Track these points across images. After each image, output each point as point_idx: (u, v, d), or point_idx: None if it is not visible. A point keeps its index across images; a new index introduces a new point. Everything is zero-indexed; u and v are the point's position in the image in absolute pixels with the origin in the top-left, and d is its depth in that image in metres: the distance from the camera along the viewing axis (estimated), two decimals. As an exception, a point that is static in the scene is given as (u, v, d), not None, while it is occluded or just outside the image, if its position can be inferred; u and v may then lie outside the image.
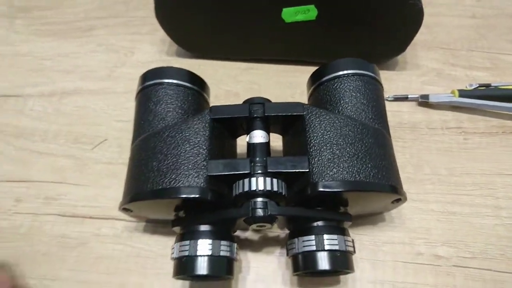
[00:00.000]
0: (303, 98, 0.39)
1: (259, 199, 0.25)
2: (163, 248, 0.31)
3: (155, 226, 0.32)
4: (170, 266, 0.30)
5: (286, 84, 0.41)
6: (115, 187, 0.35)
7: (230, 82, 0.42)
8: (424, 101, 0.38)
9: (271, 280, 0.29)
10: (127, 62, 0.44)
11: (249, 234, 0.32)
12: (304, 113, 0.28)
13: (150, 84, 0.31)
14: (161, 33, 0.46)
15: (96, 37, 0.47)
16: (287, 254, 0.27)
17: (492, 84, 0.38)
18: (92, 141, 0.38)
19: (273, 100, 0.31)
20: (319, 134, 0.27)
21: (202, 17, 0.39)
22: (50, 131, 0.39)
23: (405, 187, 0.27)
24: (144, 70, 0.43)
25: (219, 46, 0.42)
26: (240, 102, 0.40)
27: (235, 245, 0.27)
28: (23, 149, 0.38)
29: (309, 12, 0.35)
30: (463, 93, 0.37)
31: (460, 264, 0.29)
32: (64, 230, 0.33)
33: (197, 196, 0.25)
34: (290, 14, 0.35)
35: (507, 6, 0.46)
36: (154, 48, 0.45)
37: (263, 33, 0.39)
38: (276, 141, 0.32)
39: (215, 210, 0.27)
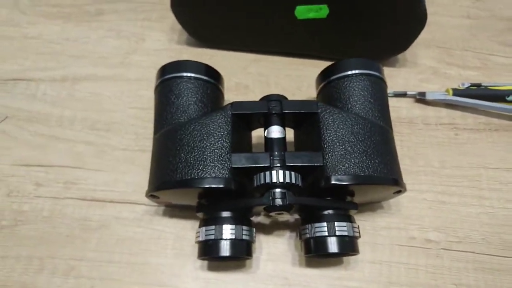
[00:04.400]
0: (310, 91, 0.42)
1: (278, 190, 0.28)
2: (182, 230, 0.34)
3: (173, 210, 0.35)
4: (189, 247, 0.33)
5: (293, 77, 0.43)
6: (133, 172, 0.37)
7: (240, 73, 0.43)
8: (421, 98, 0.41)
9: (281, 260, 0.33)
10: (138, 49, 0.45)
11: (261, 219, 0.34)
12: (319, 111, 0.30)
13: (170, 77, 0.33)
14: (170, 21, 0.47)
15: (105, 22, 0.47)
16: (300, 238, 0.30)
17: (482, 84, 0.41)
18: (108, 127, 0.39)
19: (281, 92, 0.33)
20: (332, 131, 0.29)
21: (217, 9, 0.40)
22: (65, 116, 0.40)
23: (403, 178, 0.30)
24: (156, 58, 0.44)
25: (231, 37, 0.43)
26: (251, 94, 0.42)
27: (254, 229, 0.30)
28: (39, 134, 0.39)
29: (321, 11, 0.37)
30: (456, 92, 0.40)
31: (447, 248, 0.33)
32: (85, 213, 0.35)
33: (222, 186, 0.27)
34: (303, 12, 0.37)
35: (499, 9, 0.49)
36: (164, 36, 0.46)
37: (274, 27, 0.40)
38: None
39: (234, 198, 0.29)
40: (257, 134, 0.35)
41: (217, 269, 0.32)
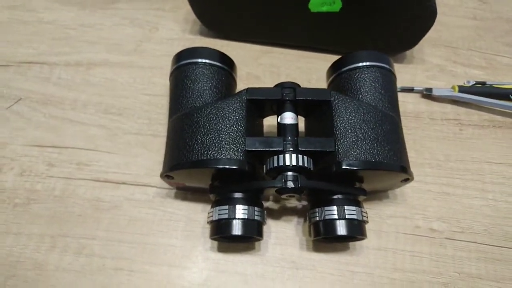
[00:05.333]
0: (319, 84, 0.43)
1: (290, 173, 0.29)
2: (193, 212, 0.34)
3: (184, 194, 0.35)
4: (199, 229, 0.34)
5: (304, 69, 0.44)
6: (145, 156, 0.37)
7: (251, 64, 0.44)
8: (427, 94, 0.42)
9: (289, 244, 0.33)
10: (152, 38, 0.46)
11: (269, 204, 0.35)
12: (331, 99, 0.31)
13: (187, 63, 0.33)
14: (183, 11, 0.48)
15: (120, 10, 0.48)
16: (309, 222, 0.31)
17: (487, 83, 0.43)
18: (121, 112, 0.40)
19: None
20: (345, 118, 0.30)
21: (232, 1, 0.41)
22: (79, 100, 0.41)
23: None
24: (169, 47, 0.45)
25: (244, 29, 0.44)
26: (261, 84, 0.43)
27: (265, 211, 0.31)
28: (53, 116, 0.40)
29: (334, 4, 0.38)
30: (462, 89, 0.42)
31: (450, 237, 0.34)
32: (98, 194, 0.35)
33: (237, 167, 0.28)
34: (317, 5, 0.38)
35: (505, 11, 0.51)
36: (178, 26, 0.47)
37: (288, 19, 0.41)
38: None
39: (246, 180, 0.30)
40: (268, 123, 0.35)
41: (227, 250, 0.33)
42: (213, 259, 0.32)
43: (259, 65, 0.44)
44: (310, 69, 0.44)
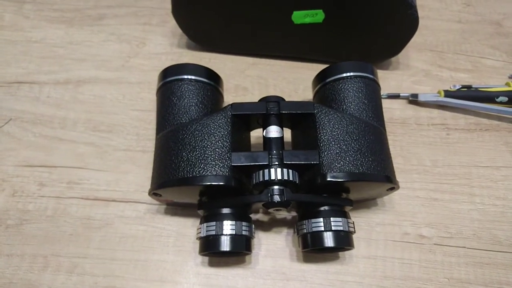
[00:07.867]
0: (306, 94, 0.43)
1: (276, 187, 0.29)
2: (183, 228, 0.35)
3: (175, 209, 0.36)
4: (190, 244, 0.34)
5: (290, 79, 0.44)
6: (134, 172, 0.38)
7: (239, 76, 0.44)
8: (413, 100, 0.42)
9: (279, 256, 0.34)
10: (139, 53, 0.46)
11: (259, 216, 0.36)
12: (315, 111, 0.31)
13: (172, 79, 0.34)
14: (170, 25, 0.48)
15: (107, 26, 0.48)
16: (297, 234, 0.31)
17: (473, 86, 0.43)
18: (110, 129, 0.40)
19: (278, 94, 0.34)
20: (328, 131, 0.30)
21: (216, 14, 0.41)
22: (68, 118, 0.41)
23: (396, 176, 0.32)
24: (157, 62, 0.46)
25: (230, 41, 0.44)
26: (249, 95, 0.43)
27: (253, 225, 0.31)
28: (43, 135, 0.40)
29: (317, 16, 0.38)
30: (447, 94, 0.42)
31: (439, 243, 0.34)
32: (89, 212, 0.36)
33: (223, 183, 0.28)
34: (300, 17, 0.38)
35: (489, 13, 0.51)
36: (165, 40, 0.47)
37: (272, 31, 0.42)
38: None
39: (234, 196, 0.30)
40: (256, 134, 0.36)
41: (218, 265, 0.33)
42: (204, 273, 0.33)
43: (247, 77, 0.44)
44: (297, 80, 0.44)
